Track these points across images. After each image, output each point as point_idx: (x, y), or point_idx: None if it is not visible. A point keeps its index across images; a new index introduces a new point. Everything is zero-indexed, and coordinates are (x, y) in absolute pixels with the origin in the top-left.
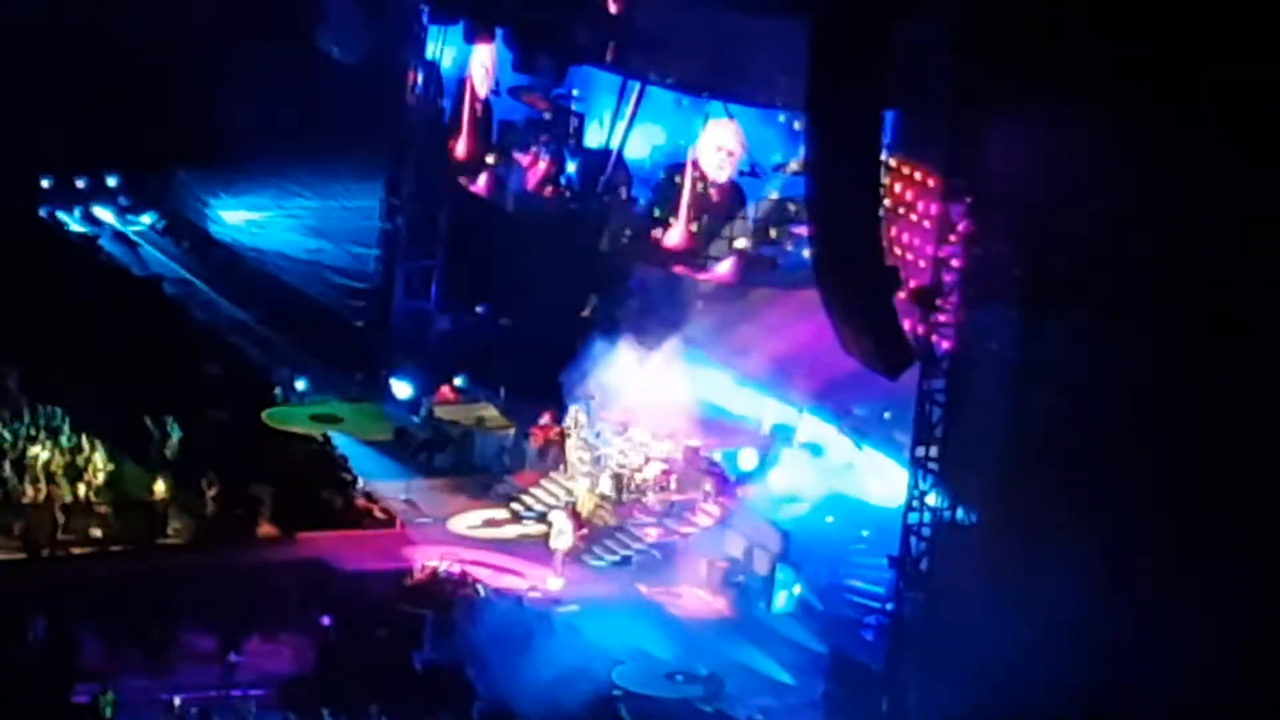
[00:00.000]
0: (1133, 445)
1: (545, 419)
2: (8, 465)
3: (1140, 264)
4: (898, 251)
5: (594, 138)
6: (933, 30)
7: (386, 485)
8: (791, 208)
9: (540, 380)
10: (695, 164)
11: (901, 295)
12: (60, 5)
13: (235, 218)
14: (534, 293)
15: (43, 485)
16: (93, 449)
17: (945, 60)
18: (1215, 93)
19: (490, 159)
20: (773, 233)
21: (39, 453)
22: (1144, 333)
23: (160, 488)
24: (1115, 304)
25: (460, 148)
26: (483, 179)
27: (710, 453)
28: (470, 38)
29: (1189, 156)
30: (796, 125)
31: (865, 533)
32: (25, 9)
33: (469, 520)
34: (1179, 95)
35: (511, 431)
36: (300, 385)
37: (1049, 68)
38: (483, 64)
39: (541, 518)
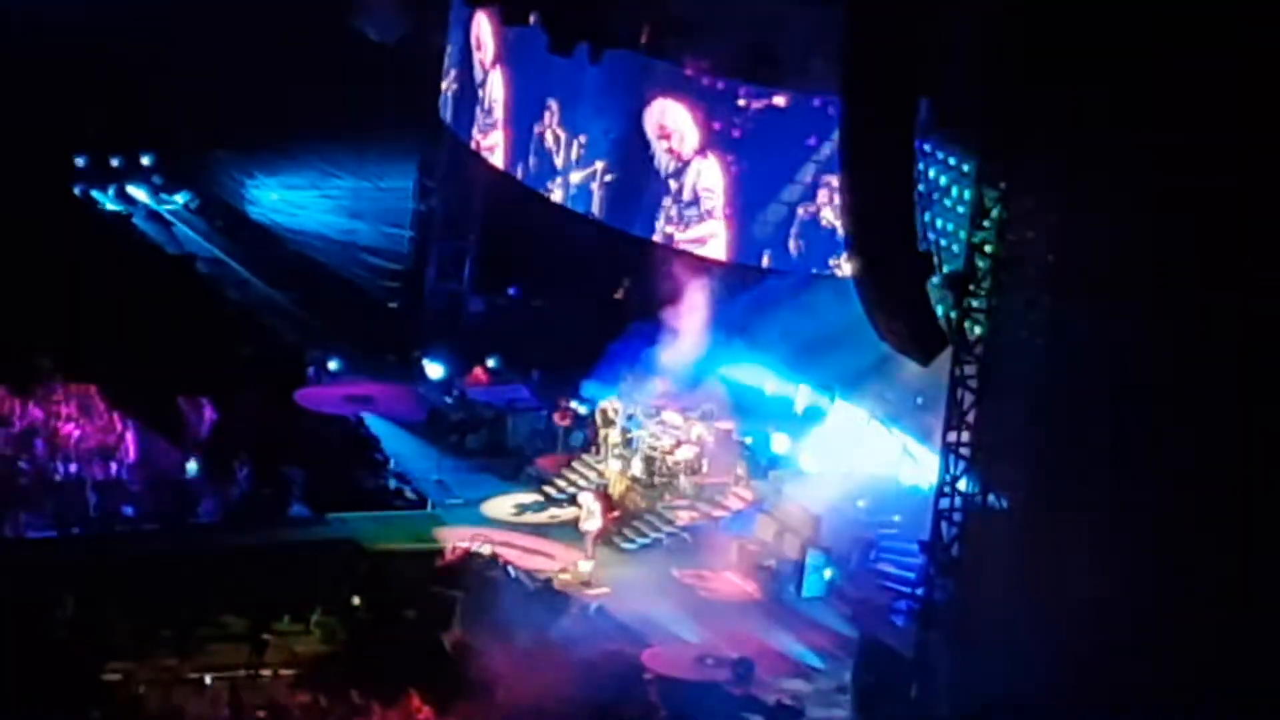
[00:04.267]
0: (1166, 432)
1: (565, 403)
2: (40, 443)
3: (1177, 251)
4: (931, 237)
5: None
6: (969, 14)
7: (418, 466)
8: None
9: (573, 362)
10: None
11: (934, 280)
12: None
13: (272, 198)
14: (567, 275)
15: (75, 464)
16: (125, 428)
17: (981, 45)
18: (1258, 83)
19: None
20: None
21: (72, 431)
22: (1180, 320)
23: (192, 467)
24: (1150, 291)
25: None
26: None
27: (742, 436)
28: (505, 21)
29: (1233, 144)
30: (831, 109)
31: (896, 518)
32: None
33: (500, 502)
34: (1222, 85)
35: (544, 413)
36: (333, 365)
37: (1087, 52)
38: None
39: (573, 500)
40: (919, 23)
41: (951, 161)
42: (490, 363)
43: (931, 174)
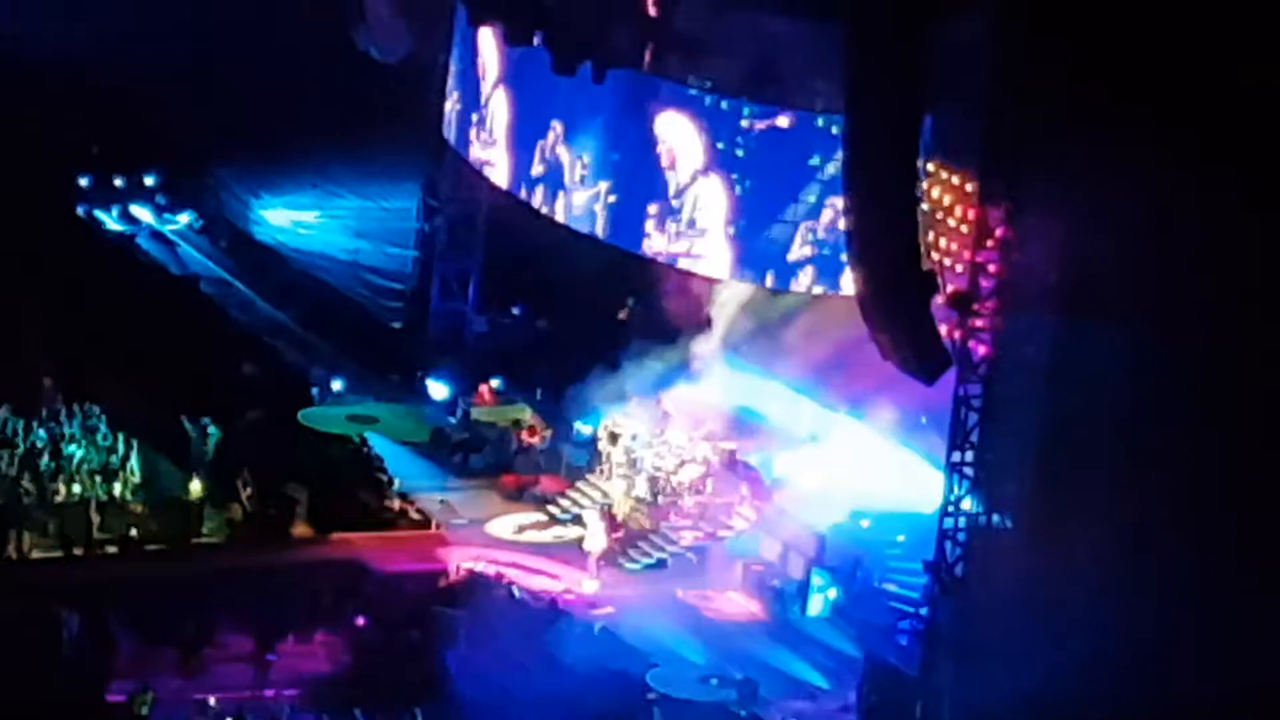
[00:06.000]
0: (1170, 452)
1: (534, 422)
2: (44, 464)
3: (1178, 270)
4: (935, 256)
5: None
6: (972, 33)
7: (422, 486)
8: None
9: (577, 382)
10: None
11: (939, 300)
12: (96, 7)
13: (278, 218)
14: (571, 295)
15: (79, 484)
16: (129, 448)
17: (984, 64)
18: (1261, 102)
19: None
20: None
21: (75, 452)
22: (1181, 339)
23: (196, 487)
24: (1153, 310)
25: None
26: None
27: (746, 456)
28: (508, 41)
29: (1232, 163)
30: (835, 129)
31: (901, 538)
32: (63, 14)
33: (504, 522)
34: (1223, 102)
35: (549, 433)
36: (337, 386)
37: (1090, 71)
38: None
39: (577, 520)
40: (921, 42)
41: (955, 181)
42: (494, 383)
43: (935, 193)
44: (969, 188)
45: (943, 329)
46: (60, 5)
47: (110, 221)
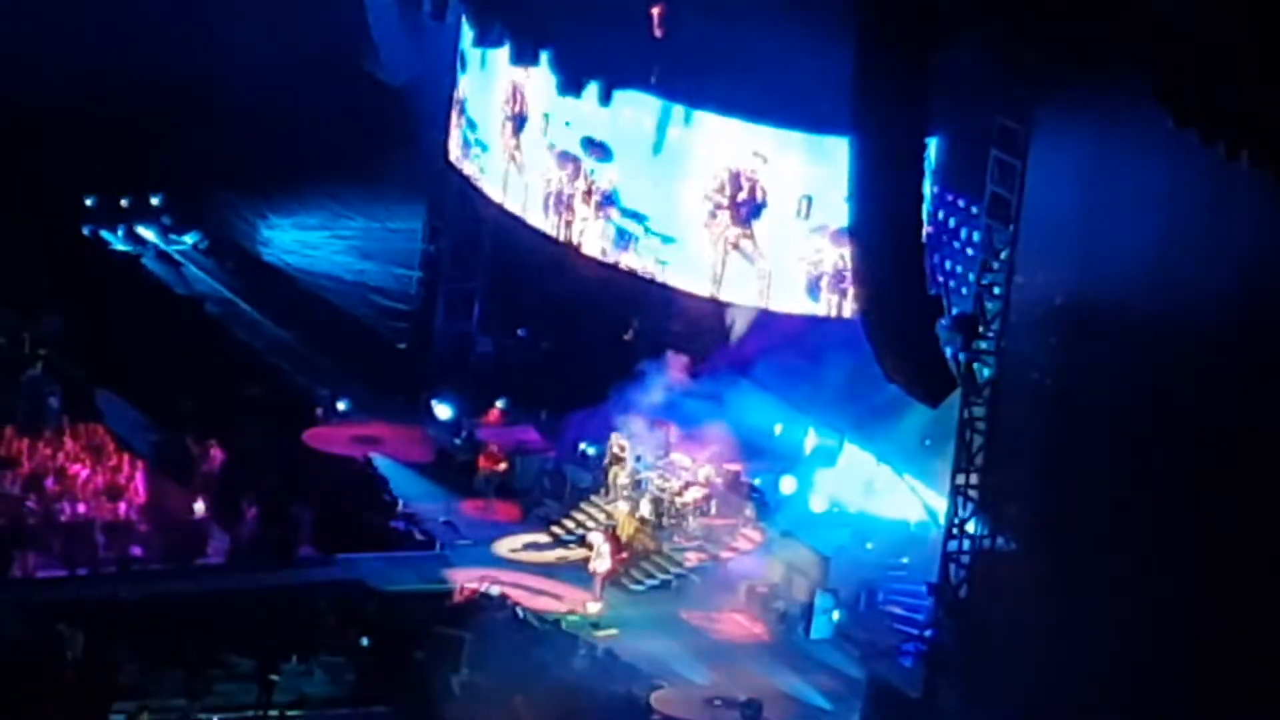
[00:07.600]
0: (1175, 475)
1: (493, 448)
2: (49, 484)
3: (1184, 293)
4: (940, 278)
5: None
6: (977, 55)
7: (426, 507)
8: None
9: (581, 403)
10: None
11: (943, 322)
12: (103, 26)
13: (285, 239)
14: (575, 316)
15: (83, 504)
16: (133, 468)
17: (989, 85)
18: (1266, 121)
19: None
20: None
21: (80, 472)
22: (1187, 362)
23: (200, 508)
24: (1158, 333)
25: None
26: None
27: (751, 477)
28: (514, 61)
29: (1237, 186)
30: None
31: (905, 560)
32: (69, 32)
33: (509, 543)
34: (1228, 123)
35: (553, 455)
36: (341, 406)
37: (1094, 94)
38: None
39: (581, 541)
40: (928, 63)
41: (960, 203)
42: (500, 404)
43: (940, 216)
44: (974, 209)
45: (947, 351)
46: (67, 24)
47: (115, 242)
